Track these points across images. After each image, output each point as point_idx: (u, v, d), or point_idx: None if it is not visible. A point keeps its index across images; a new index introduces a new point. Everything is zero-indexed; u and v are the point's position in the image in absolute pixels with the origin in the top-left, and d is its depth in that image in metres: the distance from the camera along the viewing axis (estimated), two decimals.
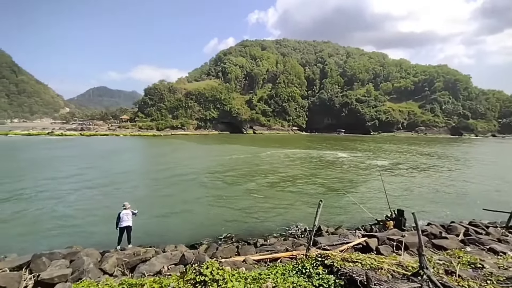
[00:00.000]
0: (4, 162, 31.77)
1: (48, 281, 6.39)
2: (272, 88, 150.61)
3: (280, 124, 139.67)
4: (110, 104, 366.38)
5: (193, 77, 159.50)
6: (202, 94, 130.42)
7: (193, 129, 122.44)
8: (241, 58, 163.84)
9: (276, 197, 17.95)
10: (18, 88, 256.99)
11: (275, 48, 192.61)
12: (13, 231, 11.78)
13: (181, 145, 61.24)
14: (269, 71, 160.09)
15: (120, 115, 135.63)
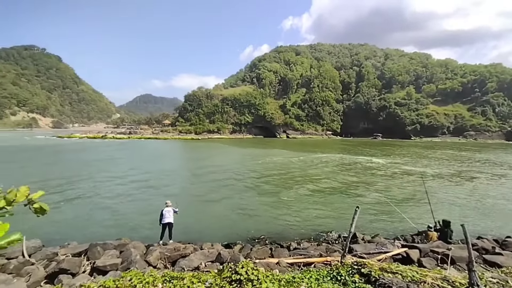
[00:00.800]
0: (67, 162, 35.93)
1: (102, 268, 7.19)
2: (306, 92, 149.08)
3: (313, 128, 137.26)
4: (154, 110, 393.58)
5: (229, 83, 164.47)
6: (237, 100, 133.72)
7: (229, 133, 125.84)
8: (275, 64, 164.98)
9: (308, 202, 17.71)
10: (79, 97, 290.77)
11: (309, 52, 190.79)
12: (73, 221, 13.33)
13: (216, 149, 63.16)
14: (303, 75, 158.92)
15: (162, 120, 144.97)
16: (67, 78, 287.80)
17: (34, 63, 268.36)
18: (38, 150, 52.20)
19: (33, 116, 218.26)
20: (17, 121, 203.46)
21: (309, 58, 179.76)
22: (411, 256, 7.55)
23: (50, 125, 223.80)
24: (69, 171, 27.92)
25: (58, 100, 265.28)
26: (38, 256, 8.22)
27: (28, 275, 6.67)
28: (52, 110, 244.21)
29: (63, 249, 8.73)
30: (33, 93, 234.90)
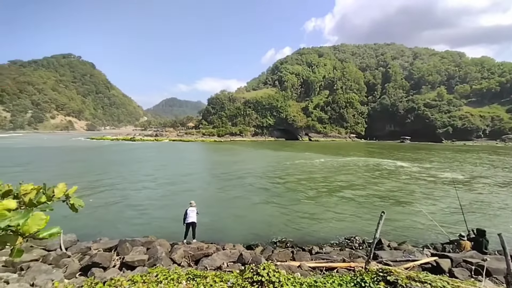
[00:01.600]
0: (100, 162, 38.16)
1: (130, 264, 7.56)
2: (329, 94, 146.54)
3: (336, 131, 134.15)
4: (179, 113, 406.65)
5: (251, 86, 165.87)
6: (259, 102, 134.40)
7: (251, 135, 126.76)
8: (297, 66, 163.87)
9: (331, 206, 17.36)
10: (110, 101, 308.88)
11: (332, 54, 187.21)
12: (104, 218, 14.13)
13: (238, 151, 63.84)
14: (325, 77, 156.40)
15: (187, 122, 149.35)
16: (99, 84, 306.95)
17: (71, 70, 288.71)
18: (78, 151, 56.01)
19: (69, 119, 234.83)
20: (55, 124, 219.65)
21: (332, 60, 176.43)
22: (441, 265, 7.13)
23: (85, 128, 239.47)
24: (102, 171, 29.64)
25: (92, 104, 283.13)
26: (74, 250, 8.86)
27: (65, 266, 7.20)
28: (86, 113, 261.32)
29: (96, 244, 9.32)
30: (69, 98, 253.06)
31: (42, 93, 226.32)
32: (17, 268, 6.81)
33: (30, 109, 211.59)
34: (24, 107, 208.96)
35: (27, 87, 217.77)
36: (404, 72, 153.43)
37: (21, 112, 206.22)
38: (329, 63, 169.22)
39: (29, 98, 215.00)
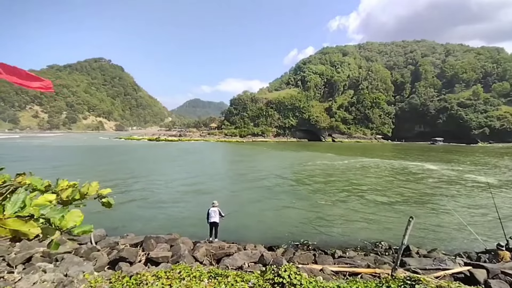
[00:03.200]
0: (128, 161, 40.08)
1: (155, 259, 7.83)
2: (354, 94, 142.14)
3: (361, 132, 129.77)
4: (202, 113, 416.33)
5: (274, 87, 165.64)
6: (282, 103, 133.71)
7: (273, 136, 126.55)
8: (320, 66, 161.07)
9: (354, 209, 16.83)
10: (137, 102, 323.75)
11: (357, 52, 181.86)
12: (129, 215, 14.75)
13: (260, 151, 63.99)
14: (350, 77, 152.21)
15: (209, 123, 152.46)
16: (127, 86, 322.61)
17: (102, 73, 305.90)
18: (107, 150, 59.30)
19: (100, 120, 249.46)
20: (87, 124, 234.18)
21: (357, 59, 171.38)
22: (476, 276, 6.64)
23: (113, 128, 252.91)
24: (129, 169, 31.11)
25: (120, 105, 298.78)
26: (103, 244, 9.35)
27: (94, 259, 7.61)
28: (115, 114, 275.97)
29: (123, 239, 9.78)
30: (100, 100, 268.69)
31: (76, 95, 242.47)
32: (53, 259, 7.31)
33: (65, 110, 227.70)
34: (60, 108, 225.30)
35: (62, 89, 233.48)
36: (435, 70, 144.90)
37: (57, 113, 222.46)
38: (354, 62, 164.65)
39: (64, 100, 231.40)
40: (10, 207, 1.54)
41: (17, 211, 1.54)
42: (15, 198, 1.60)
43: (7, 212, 1.52)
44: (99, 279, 4.97)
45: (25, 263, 6.87)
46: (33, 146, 68.08)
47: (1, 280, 5.10)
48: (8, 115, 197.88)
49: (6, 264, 6.50)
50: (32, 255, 7.19)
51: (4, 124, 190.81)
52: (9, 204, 1.55)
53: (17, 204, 1.57)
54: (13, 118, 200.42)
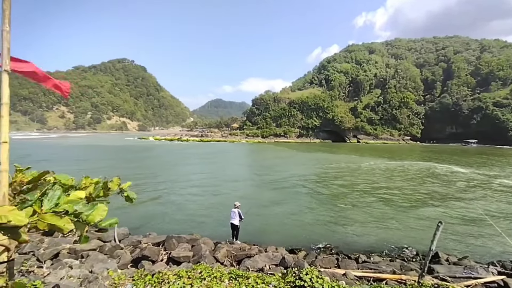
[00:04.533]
0: (151, 160, 41.56)
1: (176, 259, 7.87)
2: (381, 94, 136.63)
3: (388, 133, 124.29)
4: (224, 114, 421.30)
5: (296, 87, 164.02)
6: (305, 103, 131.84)
7: (295, 137, 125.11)
8: (345, 65, 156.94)
9: (379, 213, 16.10)
10: (159, 103, 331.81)
11: (384, 50, 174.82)
12: (152, 214, 15.12)
13: (283, 152, 63.58)
14: (377, 75, 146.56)
15: (231, 123, 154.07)
16: (150, 86, 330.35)
17: (125, 73, 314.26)
18: (132, 149, 62.06)
19: (123, 120, 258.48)
20: (111, 124, 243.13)
21: (385, 56, 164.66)
22: (510, 286, 6.14)
23: (136, 128, 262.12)
24: (151, 169, 32.16)
25: (143, 105, 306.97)
26: (126, 242, 9.61)
27: (118, 257, 7.80)
28: (138, 114, 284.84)
29: (145, 238, 10.01)
30: (124, 100, 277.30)
31: (100, 96, 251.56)
32: (79, 255, 7.59)
33: (90, 110, 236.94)
34: (85, 109, 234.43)
35: (88, 90, 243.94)
36: (469, 67, 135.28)
37: (82, 113, 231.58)
38: (381, 60, 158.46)
39: (89, 100, 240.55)
40: (47, 203, 1.65)
41: (53, 207, 1.65)
42: (52, 194, 1.71)
43: (44, 208, 1.63)
44: (122, 276, 5.01)
45: (53, 258, 7.18)
46: (73, 146, 73.12)
47: (32, 274, 5.32)
48: (36, 115, 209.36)
49: (36, 259, 6.84)
50: (59, 251, 7.51)
51: (33, 124, 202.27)
52: (46, 200, 1.66)
53: (53, 200, 1.68)
54: (41, 118, 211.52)
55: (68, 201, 1.77)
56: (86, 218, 1.71)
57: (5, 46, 1.94)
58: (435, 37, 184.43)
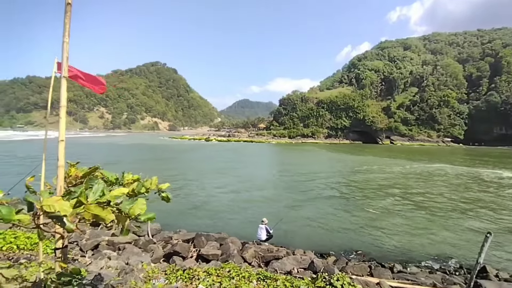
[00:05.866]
0: (181, 160, 43.16)
1: (205, 256, 8.07)
2: (417, 92, 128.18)
3: (426, 134, 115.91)
4: (250, 114, 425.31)
5: (325, 86, 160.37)
6: (334, 102, 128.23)
7: (323, 137, 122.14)
8: (377, 62, 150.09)
9: (416, 220, 15.07)
10: (189, 103, 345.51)
11: (421, 45, 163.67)
12: (181, 211, 15.61)
13: (311, 153, 62.57)
14: (412, 73, 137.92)
15: (258, 124, 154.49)
16: (180, 87, 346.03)
17: (158, 76, 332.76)
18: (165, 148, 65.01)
19: (155, 120, 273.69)
20: (144, 124, 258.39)
21: (421, 53, 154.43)
22: None
23: (167, 128, 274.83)
24: (180, 167, 33.48)
25: (173, 106, 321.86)
26: (158, 237, 10.07)
27: (151, 251, 8.21)
28: (169, 115, 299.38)
29: (176, 235, 10.43)
30: (156, 101, 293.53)
31: (135, 98, 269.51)
32: (116, 247, 8.11)
33: (126, 111, 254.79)
34: (121, 109, 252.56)
35: (124, 92, 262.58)
36: None
37: (119, 114, 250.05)
38: (417, 57, 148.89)
39: (125, 102, 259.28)
40: (92, 195, 1.79)
41: (98, 199, 1.79)
42: (96, 187, 1.85)
43: (90, 199, 1.77)
44: (156, 270, 5.25)
45: (93, 249, 7.77)
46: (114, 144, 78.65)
47: (76, 262, 5.80)
48: (79, 116, 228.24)
49: (79, 248, 7.46)
50: (99, 242, 8.10)
51: (76, 124, 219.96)
52: (91, 192, 1.80)
53: (97, 193, 1.82)
54: (83, 118, 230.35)
55: (112, 195, 1.90)
56: (127, 211, 1.84)
57: (64, 55, 2.18)
58: (480, 29, 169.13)
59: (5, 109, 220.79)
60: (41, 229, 1.79)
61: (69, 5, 2.13)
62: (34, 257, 4.99)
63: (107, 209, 1.75)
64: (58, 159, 2.10)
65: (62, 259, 2.09)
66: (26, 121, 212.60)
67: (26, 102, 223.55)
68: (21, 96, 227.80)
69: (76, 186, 2.19)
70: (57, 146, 2.18)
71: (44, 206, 1.58)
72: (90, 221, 1.78)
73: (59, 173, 2.09)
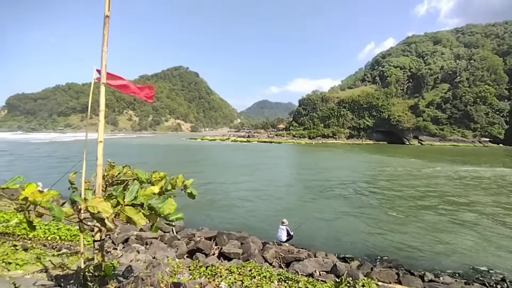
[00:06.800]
0: (204, 159, 44.09)
1: (227, 254, 8.25)
2: (449, 89, 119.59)
3: (459, 133, 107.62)
4: (270, 115, 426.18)
5: (346, 85, 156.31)
6: (356, 102, 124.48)
7: (345, 138, 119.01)
8: (403, 58, 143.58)
9: (449, 227, 14.25)
10: (210, 105, 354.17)
11: (454, 38, 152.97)
12: (201, 210, 16.03)
13: (332, 154, 61.33)
14: (443, 68, 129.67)
15: (277, 124, 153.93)
16: (202, 90, 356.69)
17: (180, 79, 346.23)
18: (189, 148, 66.99)
19: (178, 122, 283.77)
20: (168, 126, 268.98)
21: (453, 47, 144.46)
22: None
23: (189, 129, 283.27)
24: (201, 166, 34.41)
25: (195, 108, 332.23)
26: (182, 234, 10.44)
27: (176, 247, 8.54)
28: (191, 117, 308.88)
29: (199, 232, 10.75)
30: (179, 104, 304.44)
31: (160, 101, 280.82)
32: (144, 242, 8.54)
33: (151, 114, 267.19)
34: (147, 112, 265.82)
35: None
36: None
37: (145, 116, 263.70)
38: (449, 51, 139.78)
39: (150, 105, 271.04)
40: (128, 196, 1.91)
41: (133, 199, 1.91)
42: (132, 188, 1.98)
43: (126, 200, 1.88)
44: (180, 265, 5.48)
45: (124, 243, 8.27)
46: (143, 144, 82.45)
47: (109, 254, 6.21)
48: (111, 118, 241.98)
49: (111, 241, 7.98)
50: (129, 237, 8.58)
51: (108, 126, 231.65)
52: (128, 192, 1.93)
53: (133, 194, 1.94)
54: (114, 121, 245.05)
55: (144, 194, 2.06)
56: (158, 210, 1.96)
57: (103, 63, 2.38)
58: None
59: (48, 113, 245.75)
60: (82, 223, 1.99)
61: (107, 18, 2.31)
62: (73, 247, 5.51)
63: (139, 213, 1.89)
64: (97, 159, 2.30)
65: (100, 250, 2.29)
66: (66, 124, 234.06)
67: (65, 106, 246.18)
68: (61, 101, 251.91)
69: (112, 184, 2.41)
70: (94, 147, 2.39)
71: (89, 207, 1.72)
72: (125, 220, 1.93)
73: (98, 172, 2.30)
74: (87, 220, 2.03)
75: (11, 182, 1.69)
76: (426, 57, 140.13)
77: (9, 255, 4.13)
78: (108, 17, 2.32)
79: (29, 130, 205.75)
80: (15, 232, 5.83)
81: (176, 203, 2.10)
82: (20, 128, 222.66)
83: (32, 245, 5.27)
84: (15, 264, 3.87)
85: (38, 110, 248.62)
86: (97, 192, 2.24)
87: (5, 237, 5.48)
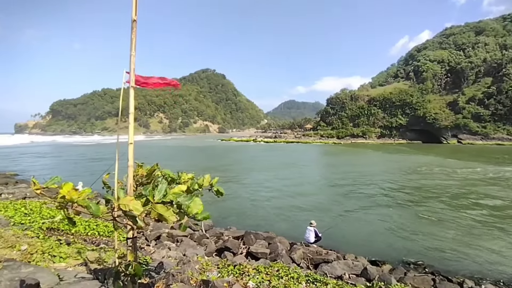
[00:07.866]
0: (227, 160, 44.62)
1: (254, 254, 8.27)
2: (493, 83, 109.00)
3: (505, 131, 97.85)
4: (297, 115, 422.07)
5: (377, 82, 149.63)
6: (388, 99, 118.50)
7: (376, 137, 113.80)
8: (441, 52, 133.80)
9: (491, 231, 13.10)
10: (236, 106, 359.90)
11: (500, 27, 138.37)
12: (229, 209, 16.21)
13: (362, 155, 59.16)
14: (486, 61, 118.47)
15: (304, 124, 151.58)
16: (228, 92, 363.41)
17: (208, 82, 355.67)
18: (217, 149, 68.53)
19: (206, 124, 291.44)
20: (196, 127, 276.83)
21: (499, 36, 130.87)
22: None
23: (217, 130, 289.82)
24: (229, 167, 34.67)
25: (222, 110, 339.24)
26: (211, 233, 10.65)
27: (205, 245, 8.75)
28: (218, 118, 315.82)
29: (227, 231, 10.90)
30: (206, 106, 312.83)
31: (188, 103, 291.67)
32: (175, 239, 8.86)
33: (180, 116, 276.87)
34: (177, 115, 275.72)
35: (179, 99, 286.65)
36: None
37: (175, 118, 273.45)
38: (494, 41, 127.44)
39: (180, 107, 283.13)
40: (157, 194, 1.97)
41: (162, 197, 1.98)
42: (160, 187, 2.05)
43: (156, 198, 1.94)
44: (209, 263, 5.59)
45: (156, 239, 8.63)
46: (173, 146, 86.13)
47: (143, 250, 6.55)
48: (143, 121, 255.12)
49: (144, 238, 8.39)
50: (161, 234, 8.96)
51: (140, 129, 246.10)
52: (157, 191, 1.99)
53: (161, 192, 2.01)
54: (145, 124, 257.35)
55: (173, 192, 2.12)
56: (186, 209, 2.02)
57: (132, 67, 2.47)
58: None
59: (87, 117, 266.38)
60: (116, 220, 2.09)
61: (134, 22, 2.38)
62: (110, 242, 5.93)
63: (169, 210, 1.95)
64: (128, 160, 2.40)
65: (132, 247, 2.40)
66: (102, 127, 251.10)
67: (102, 111, 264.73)
68: (98, 106, 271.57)
69: (142, 184, 2.52)
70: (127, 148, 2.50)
71: (121, 205, 1.81)
72: (156, 218, 2.00)
73: (129, 172, 2.41)
74: (121, 218, 2.13)
75: (50, 181, 1.79)
76: (467, 49, 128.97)
77: (54, 249, 4.54)
78: (135, 21, 2.36)
79: (70, 134, 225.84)
80: (60, 228, 6.42)
81: (203, 204, 2.14)
82: (62, 132, 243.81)
83: (74, 239, 5.74)
84: (59, 257, 4.25)
85: (78, 114, 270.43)
86: (129, 191, 2.35)
87: (51, 232, 6.04)
